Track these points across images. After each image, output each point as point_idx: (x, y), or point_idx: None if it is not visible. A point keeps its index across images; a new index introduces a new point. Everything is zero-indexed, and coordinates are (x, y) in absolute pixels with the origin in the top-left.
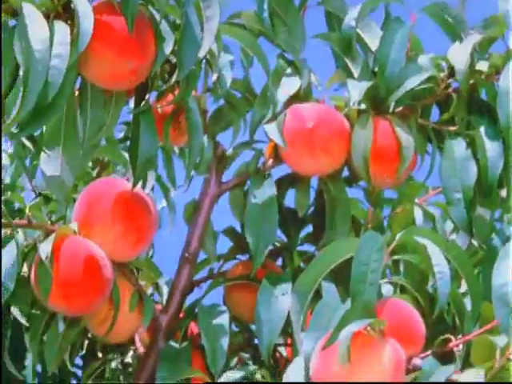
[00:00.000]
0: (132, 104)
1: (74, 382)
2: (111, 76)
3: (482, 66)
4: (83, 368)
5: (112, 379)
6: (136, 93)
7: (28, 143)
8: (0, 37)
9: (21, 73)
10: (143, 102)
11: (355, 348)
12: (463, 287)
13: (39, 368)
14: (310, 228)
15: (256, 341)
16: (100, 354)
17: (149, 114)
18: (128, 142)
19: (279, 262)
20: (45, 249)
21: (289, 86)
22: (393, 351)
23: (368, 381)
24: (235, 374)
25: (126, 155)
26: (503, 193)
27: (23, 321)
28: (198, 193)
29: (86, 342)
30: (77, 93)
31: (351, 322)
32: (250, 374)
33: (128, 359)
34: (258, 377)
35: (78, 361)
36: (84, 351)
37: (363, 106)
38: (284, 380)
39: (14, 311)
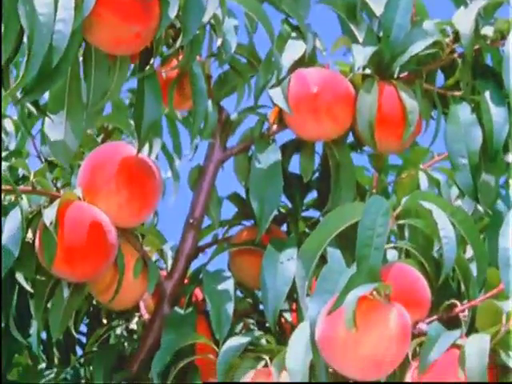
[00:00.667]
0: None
1: (79, 349)
2: (115, 40)
3: (487, 30)
4: (88, 335)
5: (117, 345)
6: (140, 58)
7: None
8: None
9: (25, 38)
10: (147, 67)
11: (361, 313)
12: (469, 253)
13: (44, 336)
14: (314, 193)
15: (261, 306)
16: (105, 321)
17: (153, 79)
18: (133, 109)
19: (284, 227)
20: (49, 215)
21: (293, 50)
22: (398, 316)
23: (374, 345)
24: (240, 340)
25: (132, 123)
26: (509, 158)
27: (28, 287)
28: (203, 159)
29: (91, 308)
30: (81, 58)
31: (357, 286)
32: (256, 340)
33: (133, 325)
34: (263, 342)
35: (83, 328)
36: (89, 318)
37: (368, 71)
38: (289, 345)
39: (19, 278)
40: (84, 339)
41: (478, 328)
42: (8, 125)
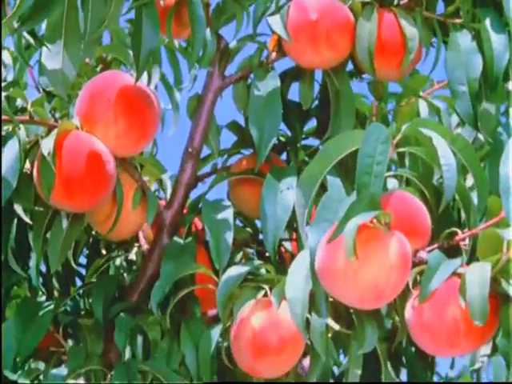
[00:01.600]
0: None
1: (79, 281)
2: None
3: None
4: (87, 267)
5: (116, 276)
6: None
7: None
8: None
9: None
10: None
11: (361, 241)
12: (469, 181)
13: (44, 268)
14: (314, 122)
15: (261, 236)
16: (104, 252)
17: (151, 6)
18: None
19: (284, 156)
20: (47, 144)
21: None
22: (399, 244)
23: (374, 274)
24: (240, 269)
25: (131, 53)
26: (509, 86)
27: (26, 219)
28: (202, 88)
29: (90, 240)
30: None
31: (357, 214)
32: (255, 269)
33: (132, 256)
34: (263, 272)
35: (83, 260)
36: (88, 250)
37: None
38: (289, 274)
39: (17, 209)
40: (84, 271)
41: (479, 256)
42: (6, 56)
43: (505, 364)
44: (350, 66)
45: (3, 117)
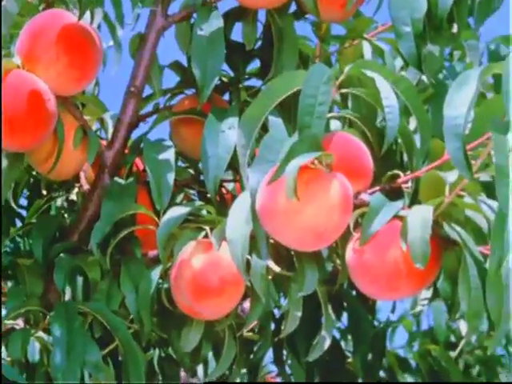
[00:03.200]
0: None
1: (19, 223)
2: None
3: None
4: (28, 208)
5: (57, 217)
6: None
7: None
8: None
9: None
10: None
11: (302, 182)
12: (412, 125)
13: None
14: (257, 63)
15: (202, 177)
16: (45, 192)
17: None
18: None
19: (226, 97)
20: None
21: None
22: (340, 186)
23: (315, 215)
24: (181, 210)
25: None
26: (454, 29)
27: None
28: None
29: (31, 180)
30: None
31: (298, 155)
32: (196, 210)
33: (73, 196)
34: (204, 213)
35: (23, 202)
36: (29, 191)
37: None
38: (230, 214)
39: None
40: (24, 212)
41: (421, 199)
42: None
43: (445, 309)
44: (293, 7)
45: None
